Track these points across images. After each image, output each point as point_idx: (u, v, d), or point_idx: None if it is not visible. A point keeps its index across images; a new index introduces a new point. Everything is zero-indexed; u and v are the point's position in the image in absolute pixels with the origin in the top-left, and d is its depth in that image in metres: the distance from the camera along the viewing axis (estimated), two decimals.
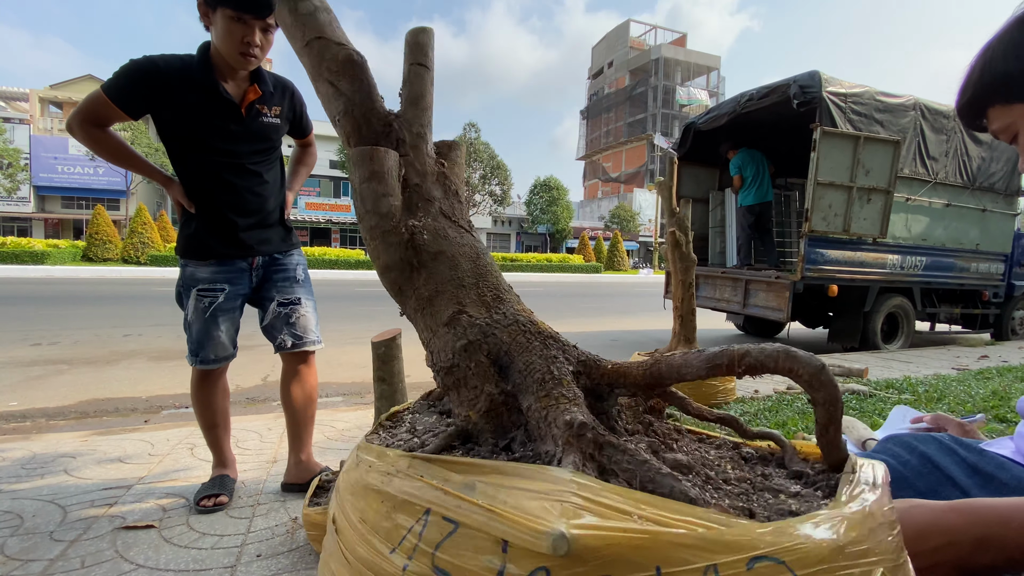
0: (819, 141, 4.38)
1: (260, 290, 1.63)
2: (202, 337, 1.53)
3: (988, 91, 0.65)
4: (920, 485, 0.66)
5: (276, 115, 1.54)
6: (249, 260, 1.57)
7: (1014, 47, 0.62)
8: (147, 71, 1.34)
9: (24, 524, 1.41)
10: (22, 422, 2.71)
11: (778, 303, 4.78)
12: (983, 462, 0.66)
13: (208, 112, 1.41)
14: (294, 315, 1.64)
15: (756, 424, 2.21)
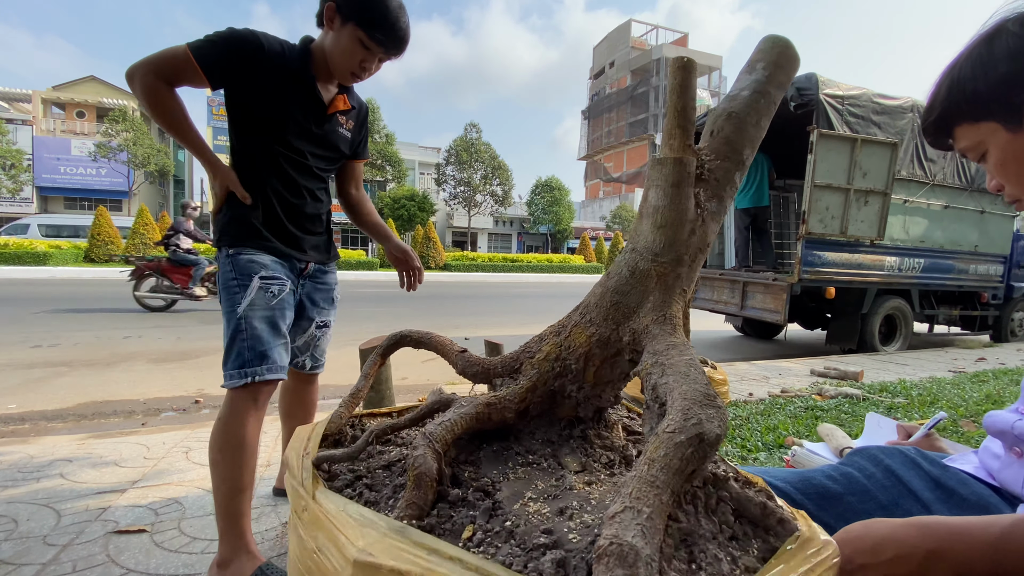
0: (816, 143, 4.39)
1: (300, 304, 1.46)
2: (267, 334, 1.25)
3: (956, 109, 0.65)
4: (883, 498, 0.67)
5: (349, 129, 1.47)
6: (302, 265, 1.43)
7: (982, 64, 0.62)
8: (248, 43, 1.22)
9: (18, 528, 1.43)
10: (20, 425, 2.73)
11: (775, 305, 4.78)
12: (945, 477, 0.67)
13: (295, 105, 1.30)
14: (323, 339, 1.55)
15: (747, 428, 2.22)
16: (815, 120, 4.42)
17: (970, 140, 0.66)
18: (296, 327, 1.46)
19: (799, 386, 3.19)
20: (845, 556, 0.49)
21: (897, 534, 0.49)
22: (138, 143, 25.61)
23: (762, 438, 2.05)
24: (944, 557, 0.46)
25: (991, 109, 0.62)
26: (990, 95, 0.61)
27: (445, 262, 21.95)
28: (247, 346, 1.22)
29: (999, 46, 0.61)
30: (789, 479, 0.72)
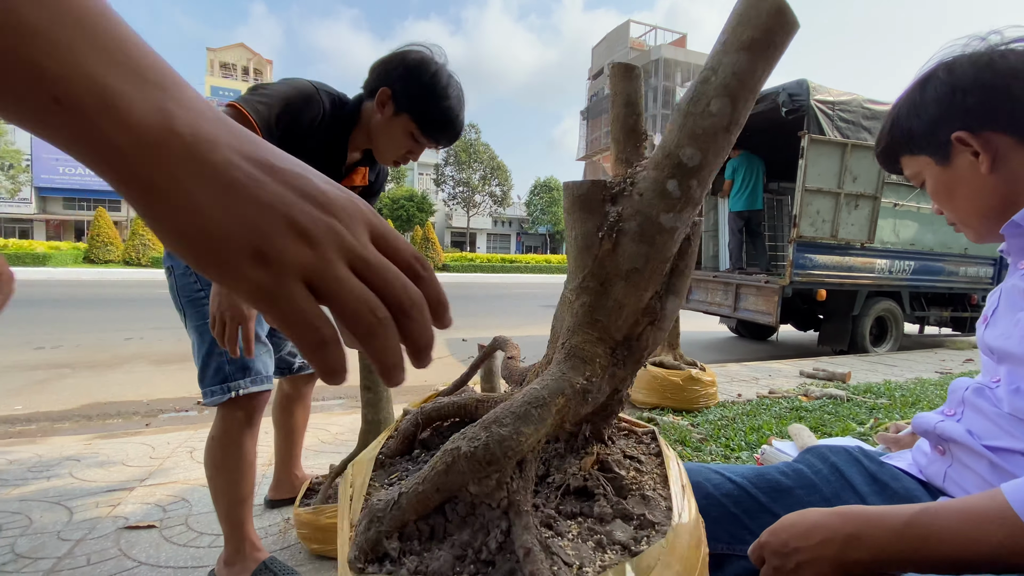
0: (807, 148, 4.47)
1: None
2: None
3: (896, 144, 0.75)
4: (827, 491, 0.74)
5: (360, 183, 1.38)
6: None
7: (915, 106, 0.71)
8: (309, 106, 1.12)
9: (32, 524, 1.50)
10: (27, 425, 2.80)
11: (767, 307, 4.86)
12: (881, 472, 0.74)
13: (318, 157, 1.20)
14: None
15: (732, 428, 2.30)
16: (806, 125, 4.50)
17: (911, 170, 0.75)
18: (280, 336, 1.40)
19: (787, 387, 3.27)
20: (782, 540, 0.57)
21: (823, 521, 0.56)
22: None
23: (745, 438, 2.13)
24: (860, 540, 0.53)
25: (923, 145, 0.71)
26: (922, 133, 0.70)
27: (444, 263, 22.03)
28: (226, 359, 1.14)
29: (929, 90, 0.70)
30: (747, 475, 0.79)
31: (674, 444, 2.08)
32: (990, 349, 0.69)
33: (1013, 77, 0.65)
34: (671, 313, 0.50)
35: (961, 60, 0.69)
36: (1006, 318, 0.68)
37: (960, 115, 0.67)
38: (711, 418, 2.46)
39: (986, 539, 0.48)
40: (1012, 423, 0.62)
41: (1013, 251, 0.69)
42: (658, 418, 2.44)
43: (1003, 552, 0.47)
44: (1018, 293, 0.66)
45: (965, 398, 0.69)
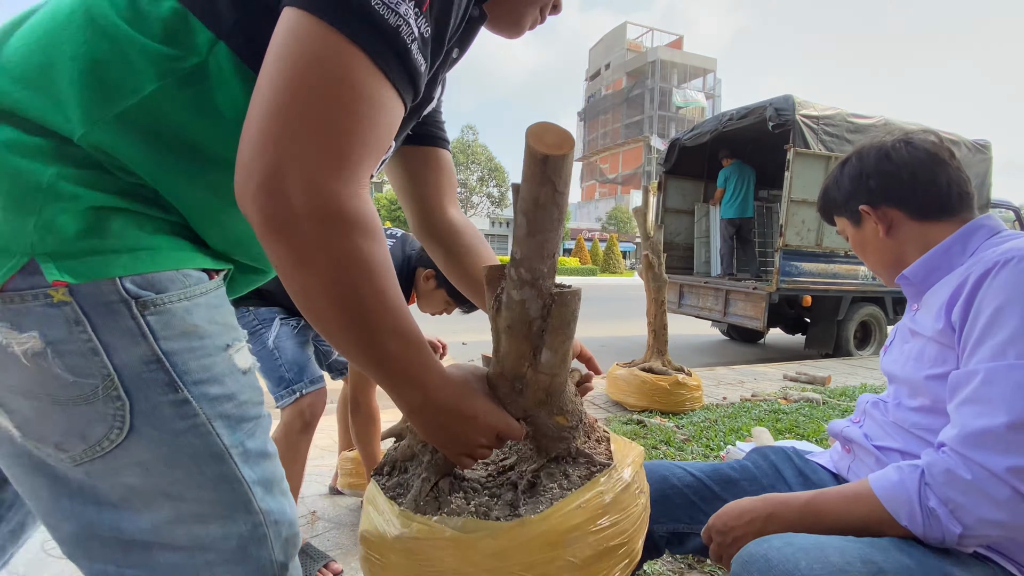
0: (792, 161, 4.68)
1: None
2: (298, 354, 1.45)
3: (828, 206, 0.97)
4: (765, 483, 0.94)
5: None
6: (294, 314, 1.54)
7: (837, 181, 0.93)
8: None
9: None
10: None
11: (755, 312, 5.07)
12: (806, 467, 0.94)
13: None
14: None
15: (714, 429, 2.49)
16: (792, 139, 4.70)
17: (839, 227, 0.96)
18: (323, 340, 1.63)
19: (770, 390, 3.48)
20: (723, 522, 0.76)
21: (751, 505, 0.75)
22: None
23: (725, 439, 2.33)
24: (775, 517, 0.72)
25: (843, 211, 0.92)
26: (841, 202, 0.91)
27: None
28: (285, 367, 1.41)
29: (847, 170, 0.91)
30: (704, 470, 0.99)
31: (659, 444, 2.28)
32: (886, 372, 0.89)
33: (903, 166, 0.84)
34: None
35: (869, 149, 0.89)
36: (896, 349, 0.88)
37: (865, 192, 0.87)
38: (695, 420, 2.66)
39: (856, 513, 0.68)
40: (894, 429, 0.81)
41: (908, 296, 0.89)
42: (647, 420, 2.63)
43: (868, 521, 0.67)
44: (907, 331, 0.86)
45: (866, 409, 0.89)
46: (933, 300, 0.78)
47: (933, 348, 0.75)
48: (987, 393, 0.62)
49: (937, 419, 0.73)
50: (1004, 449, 0.59)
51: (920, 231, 0.84)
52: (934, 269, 0.82)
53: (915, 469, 0.65)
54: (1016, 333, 0.62)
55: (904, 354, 0.83)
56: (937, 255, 0.81)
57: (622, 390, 2.98)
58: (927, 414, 0.76)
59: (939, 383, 0.73)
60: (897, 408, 0.81)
